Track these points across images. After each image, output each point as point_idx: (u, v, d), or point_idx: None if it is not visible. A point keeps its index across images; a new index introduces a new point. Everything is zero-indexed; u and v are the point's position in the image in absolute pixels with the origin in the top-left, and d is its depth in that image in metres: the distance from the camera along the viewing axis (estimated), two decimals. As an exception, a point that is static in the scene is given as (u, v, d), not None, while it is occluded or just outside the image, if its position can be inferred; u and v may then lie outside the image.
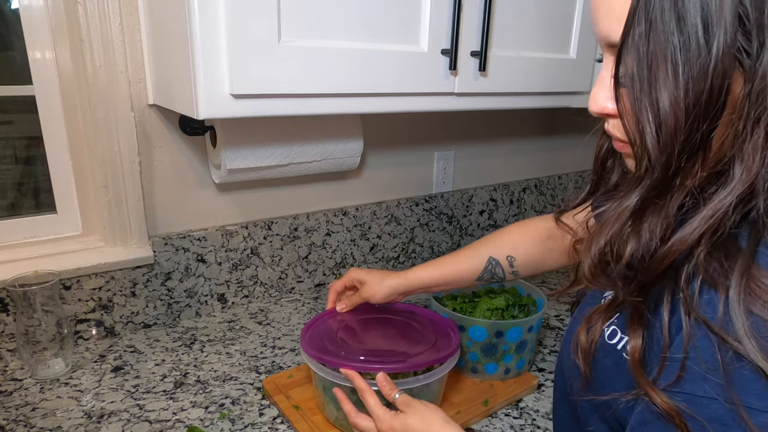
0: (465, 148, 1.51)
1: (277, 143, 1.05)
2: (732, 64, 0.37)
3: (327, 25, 0.78)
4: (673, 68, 0.37)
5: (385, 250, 1.40)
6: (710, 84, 0.37)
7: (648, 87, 0.39)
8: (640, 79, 0.39)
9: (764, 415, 0.37)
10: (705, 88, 0.37)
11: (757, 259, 0.39)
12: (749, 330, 0.37)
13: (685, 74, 0.37)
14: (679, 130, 0.38)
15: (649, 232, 0.41)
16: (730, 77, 0.37)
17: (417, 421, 0.65)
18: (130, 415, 0.83)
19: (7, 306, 0.93)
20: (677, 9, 0.37)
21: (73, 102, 0.98)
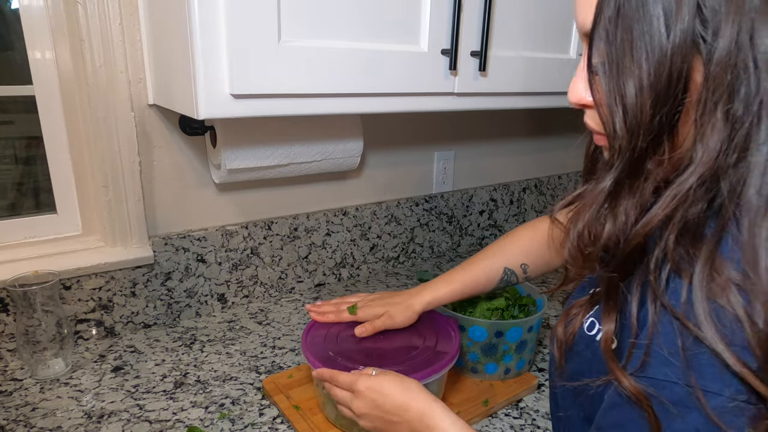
0: (465, 148, 1.51)
1: (277, 143, 1.05)
2: (691, 50, 0.38)
3: (327, 25, 0.78)
4: (638, 54, 0.39)
5: (385, 250, 1.40)
6: (670, 70, 0.39)
7: (616, 73, 0.41)
8: (609, 66, 0.41)
9: (719, 398, 0.38)
10: (665, 73, 0.39)
11: (720, 248, 0.40)
12: (708, 316, 0.38)
13: (648, 60, 0.39)
14: (645, 114, 0.40)
15: (624, 215, 0.43)
16: (690, 63, 0.39)
17: (395, 382, 0.66)
18: (130, 415, 0.83)
19: (7, 306, 0.93)
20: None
21: (73, 102, 0.98)
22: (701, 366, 0.39)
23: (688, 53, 0.38)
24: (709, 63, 0.38)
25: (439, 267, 1.45)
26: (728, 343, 0.37)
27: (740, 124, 0.38)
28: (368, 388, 0.67)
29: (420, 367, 0.76)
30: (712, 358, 0.38)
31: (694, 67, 0.39)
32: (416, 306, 0.85)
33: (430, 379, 0.75)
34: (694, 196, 0.40)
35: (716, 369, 0.38)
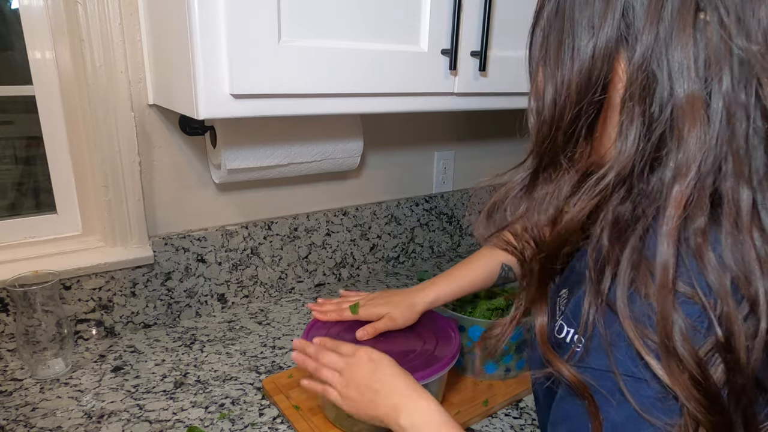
0: (465, 148, 1.51)
1: (277, 143, 1.05)
2: (614, 53, 0.41)
3: (327, 25, 0.78)
4: (565, 54, 0.42)
5: (385, 250, 1.40)
6: (591, 69, 0.41)
7: (547, 68, 0.44)
8: (541, 61, 0.45)
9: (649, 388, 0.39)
10: (587, 72, 0.41)
11: (645, 246, 0.41)
12: (627, 309, 0.40)
13: (573, 59, 0.42)
14: (565, 109, 0.43)
15: (538, 205, 0.45)
16: (612, 65, 0.41)
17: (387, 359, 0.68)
18: (130, 415, 0.83)
19: (7, 306, 0.93)
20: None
21: (73, 102, 0.98)
22: (620, 350, 0.40)
23: (611, 55, 0.41)
24: (629, 65, 0.40)
25: (439, 267, 1.45)
26: (642, 336, 0.38)
27: (656, 125, 0.40)
28: (367, 354, 0.68)
29: (420, 367, 0.76)
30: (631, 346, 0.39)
31: (617, 70, 0.41)
32: (418, 305, 0.85)
33: (430, 379, 0.75)
34: (616, 193, 0.42)
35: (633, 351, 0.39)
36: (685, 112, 0.38)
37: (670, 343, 0.37)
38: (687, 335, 0.37)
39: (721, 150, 0.38)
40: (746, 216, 0.37)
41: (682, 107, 0.39)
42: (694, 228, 0.38)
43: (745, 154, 0.38)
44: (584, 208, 0.43)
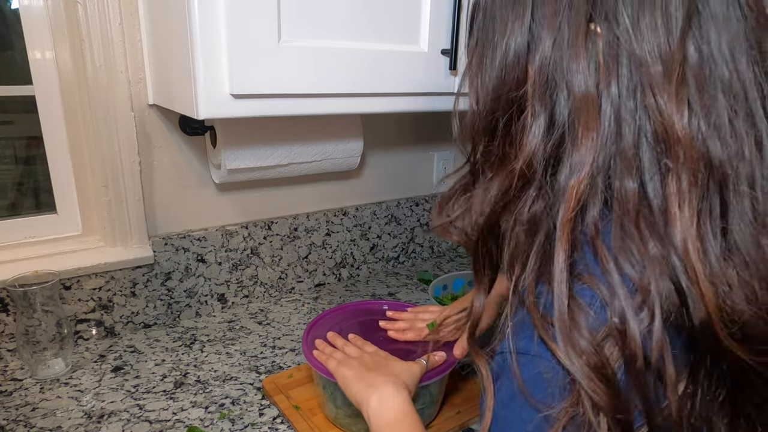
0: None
1: (277, 143, 1.05)
2: (523, 59, 0.44)
3: (327, 25, 0.78)
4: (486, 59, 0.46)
5: (385, 250, 1.40)
6: (504, 73, 0.45)
7: (471, 75, 0.48)
8: (468, 68, 0.48)
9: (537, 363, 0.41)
10: (503, 75, 0.45)
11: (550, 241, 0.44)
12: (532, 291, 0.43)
13: (492, 65, 0.46)
14: (485, 110, 0.46)
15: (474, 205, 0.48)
16: (524, 70, 0.44)
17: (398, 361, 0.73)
18: (130, 415, 0.83)
19: (7, 306, 0.93)
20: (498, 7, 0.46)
21: (73, 102, 0.98)
22: (526, 332, 0.42)
23: (522, 60, 0.44)
24: (533, 69, 0.43)
25: (439, 267, 1.45)
26: (544, 323, 0.41)
27: (557, 127, 0.43)
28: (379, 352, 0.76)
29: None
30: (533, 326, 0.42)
31: (529, 73, 0.44)
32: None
33: (431, 380, 0.75)
34: (526, 190, 0.45)
35: (536, 336, 0.42)
36: (580, 115, 0.41)
37: (568, 326, 0.39)
38: (584, 320, 0.39)
39: (610, 150, 0.41)
40: (633, 209, 0.40)
41: (578, 110, 0.41)
42: (588, 220, 0.41)
43: (633, 154, 0.40)
44: (493, 202, 0.46)
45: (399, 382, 0.67)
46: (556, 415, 0.40)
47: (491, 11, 0.46)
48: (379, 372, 0.70)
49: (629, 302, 0.39)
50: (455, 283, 1.08)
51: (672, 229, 0.39)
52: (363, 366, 0.72)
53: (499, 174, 0.46)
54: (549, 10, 0.43)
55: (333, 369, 0.73)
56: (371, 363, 0.73)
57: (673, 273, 0.39)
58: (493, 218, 0.48)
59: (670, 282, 0.39)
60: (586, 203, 0.41)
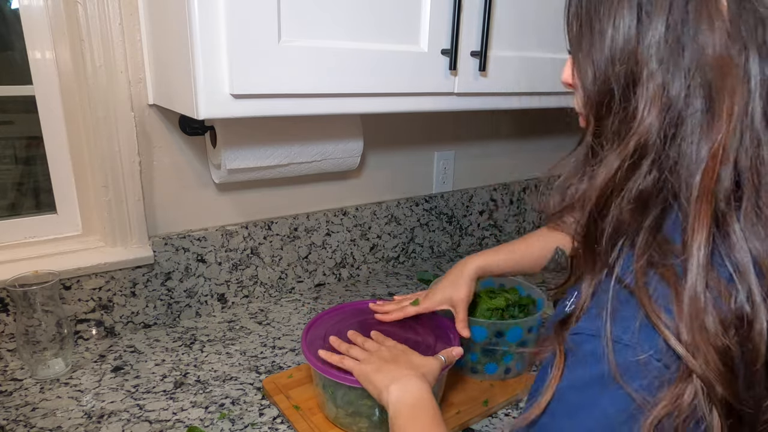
0: (465, 148, 1.50)
1: (277, 143, 1.05)
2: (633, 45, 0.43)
3: (327, 25, 0.78)
4: (594, 48, 0.45)
5: (385, 250, 1.40)
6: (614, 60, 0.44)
7: (580, 61, 0.47)
8: (575, 55, 0.48)
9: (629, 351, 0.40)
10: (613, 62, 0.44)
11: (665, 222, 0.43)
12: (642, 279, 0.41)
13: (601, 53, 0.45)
14: (601, 94, 0.45)
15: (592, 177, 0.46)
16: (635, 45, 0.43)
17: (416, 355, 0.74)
18: (130, 415, 0.83)
19: (7, 306, 0.93)
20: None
21: (73, 102, 0.98)
22: (624, 319, 0.40)
23: (631, 48, 0.43)
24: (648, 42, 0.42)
25: (439, 267, 1.45)
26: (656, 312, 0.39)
27: (675, 105, 0.41)
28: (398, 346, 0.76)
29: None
30: (637, 313, 0.40)
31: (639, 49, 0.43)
32: (468, 269, 0.86)
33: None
34: (640, 165, 0.42)
35: (636, 323, 0.40)
36: (716, 80, 0.40)
37: (701, 306, 0.37)
38: (715, 309, 0.37)
39: (748, 118, 0.39)
40: (765, 195, 0.38)
41: (713, 76, 0.40)
42: (720, 194, 0.39)
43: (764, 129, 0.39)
44: (603, 177, 0.44)
45: (419, 374, 0.69)
46: (650, 408, 0.38)
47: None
48: (399, 364, 0.71)
49: (758, 288, 0.37)
50: (455, 283, 1.08)
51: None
52: (382, 359, 0.73)
53: (615, 150, 0.44)
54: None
55: (351, 367, 0.73)
56: (390, 356, 0.74)
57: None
58: (604, 197, 0.45)
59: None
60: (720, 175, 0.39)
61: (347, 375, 0.73)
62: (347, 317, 0.90)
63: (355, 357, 0.76)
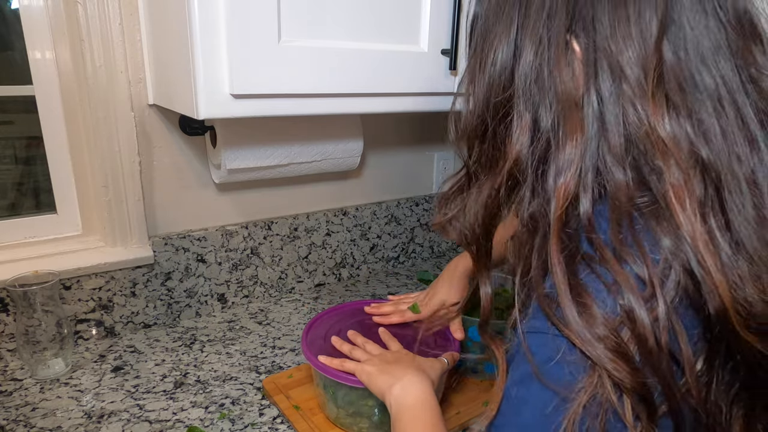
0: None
1: (277, 143, 1.05)
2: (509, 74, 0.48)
3: (327, 25, 0.78)
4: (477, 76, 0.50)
5: (385, 250, 1.40)
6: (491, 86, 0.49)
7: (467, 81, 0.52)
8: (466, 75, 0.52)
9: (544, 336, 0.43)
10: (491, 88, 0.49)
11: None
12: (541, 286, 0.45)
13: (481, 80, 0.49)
14: (476, 120, 0.50)
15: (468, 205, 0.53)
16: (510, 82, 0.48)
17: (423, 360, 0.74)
18: (130, 415, 0.83)
19: (7, 306, 0.93)
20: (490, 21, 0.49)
21: (73, 102, 0.98)
22: (538, 314, 0.44)
23: (507, 70, 0.48)
24: (518, 77, 0.47)
25: (439, 267, 1.45)
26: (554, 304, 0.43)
27: (542, 131, 0.45)
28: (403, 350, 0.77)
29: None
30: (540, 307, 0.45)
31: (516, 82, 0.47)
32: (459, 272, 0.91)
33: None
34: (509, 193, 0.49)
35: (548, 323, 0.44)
36: (564, 119, 0.44)
37: (582, 315, 0.41)
38: (597, 308, 0.41)
39: (600, 150, 0.44)
40: (627, 202, 0.42)
41: (561, 114, 0.44)
42: (582, 216, 0.43)
43: (622, 154, 0.42)
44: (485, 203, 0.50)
45: (422, 373, 0.69)
46: (575, 395, 0.40)
47: (485, 23, 0.50)
48: (402, 365, 0.71)
49: (633, 291, 0.40)
50: (455, 283, 1.08)
51: (678, 220, 0.40)
52: (384, 361, 0.73)
53: (489, 176, 0.50)
54: (531, 21, 0.46)
55: (353, 369, 0.73)
56: (393, 358, 0.74)
57: (686, 262, 0.40)
58: (487, 219, 0.51)
59: (682, 269, 0.40)
60: (578, 200, 0.43)
61: (348, 375, 0.73)
62: (347, 317, 0.90)
63: (358, 359, 0.76)
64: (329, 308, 0.93)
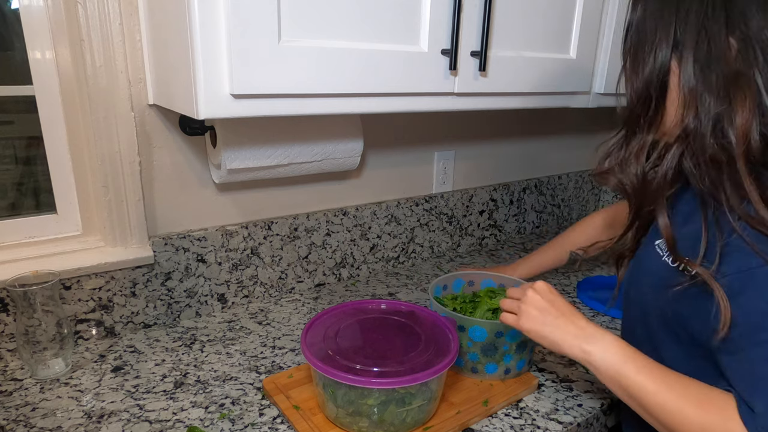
0: (465, 148, 1.51)
1: (277, 143, 1.05)
2: (668, 65, 0.66)
3: (327, 25, 0.78)
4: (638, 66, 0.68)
5: (385, 250, 1.40)
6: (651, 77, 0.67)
7: (628, 74, 0.71)
8: (625, 69, 0.71)
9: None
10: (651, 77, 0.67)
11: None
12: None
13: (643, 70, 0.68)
14: (640, 97, 0.69)
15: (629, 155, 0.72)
16: (669, 68, 0.66)
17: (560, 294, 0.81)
18: (130, 415, 0.83)
19: (7, 306, 0.93)
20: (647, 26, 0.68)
21: (73, 102, 0.98)
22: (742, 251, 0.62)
23: (665, 65, 0.66)
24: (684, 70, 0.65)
25: (439, 267, 1.45)
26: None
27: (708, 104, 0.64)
28: (547, 287, 0.80)
29: (420, 367, 0.76)
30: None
31: (673, 68, 0.66)
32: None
33: (429, 378, 0.75)
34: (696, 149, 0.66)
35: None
36: (735, 88, 0.62)
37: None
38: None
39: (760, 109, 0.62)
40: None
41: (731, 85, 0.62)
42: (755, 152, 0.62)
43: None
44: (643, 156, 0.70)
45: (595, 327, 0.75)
46: None
47: (642, 25, 0.68)
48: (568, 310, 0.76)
49: None
50: (455, 283, 1.08)
51: None
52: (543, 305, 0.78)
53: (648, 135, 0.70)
54: (691, 25, 0.64)
55: (513, 322, 0.80)
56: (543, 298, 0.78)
57: None
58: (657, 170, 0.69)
59: None
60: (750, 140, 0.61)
61: (347, 375, 0.73)
62: (347, 317, 0.90)
63: (506, 308, 0.82)
64: (329, 308, 0.93)
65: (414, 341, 0.83)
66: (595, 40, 1.14)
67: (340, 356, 0.78)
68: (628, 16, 0.70)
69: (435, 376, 0.76)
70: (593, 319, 1.17)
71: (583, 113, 1.74)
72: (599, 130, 1.81)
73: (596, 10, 1.11)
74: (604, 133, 0.77)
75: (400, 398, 0.76)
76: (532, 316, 0.76)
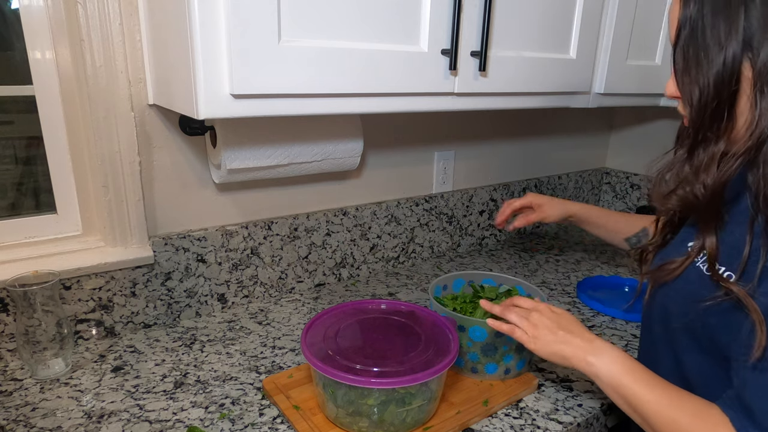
0: (465, 148, 1.51)
1: (277, 143, 1.05)
2: (739, 63, 0.59)
3: (327, 25, 0.78)
4: (703, 67, 0.61)
5: (385, 250, 1.40)
6: (722, 77, 0.60)
7: (689, 78, 0.62)
8: (684, 73, 0.63)
9: None
10: (720, 79, 0.60)
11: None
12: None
13: (709, 72, 0.60)
14: (707, 105, 0.61)
15: (699, 162, 0.64)
16: (739, 70, 0.59)
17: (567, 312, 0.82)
18: (130, 415, 0.83)
19: (7, 306, 0.93)
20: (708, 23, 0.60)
21: (73, 102, 0.98)
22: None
23: (737, 65, 0.59)
24: (755, 68, 0.59)
25: (439, 267, 1.45)
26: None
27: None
28: (549, 307, 0.82)
29: (420, 367, 0.76)
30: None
31: (744, 70, 0.59)
32: (569, 205, 1.21)
33: (429, 378, 0.75)
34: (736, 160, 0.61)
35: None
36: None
37: None
38: None
39: None
40: None
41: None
42: None
43: None
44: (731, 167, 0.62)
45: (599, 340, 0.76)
46: None
47: (702, 26, 0.60)
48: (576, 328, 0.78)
49: None
50: (455, 283, 1.08)
51: None
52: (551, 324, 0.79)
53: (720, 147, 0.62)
54: (762, 19, 0.57)
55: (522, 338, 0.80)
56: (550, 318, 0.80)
57: None
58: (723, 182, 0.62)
59: None
60: None
61: (347, 375, 0.73)
62: (347, 317, 0.90)
63: (515, 323, 0.82)
64: (329, 308, 0.93)
65: (414, 341, 0.83)
66: (595, 40, 1.14)
67: (340, 356, 0.78)
68: (681, 12, 0.62)
69: (435, 376, 0.76)
70: (593, 319, 1.17)
71: (583, 113, 1.74)
72: (599, 130, 1.81)
73: (596, 9, 1.12)
74: (604, 133, 0.77)
75: (400, 398, 0.76)
76: (543, 337, 0.78)
